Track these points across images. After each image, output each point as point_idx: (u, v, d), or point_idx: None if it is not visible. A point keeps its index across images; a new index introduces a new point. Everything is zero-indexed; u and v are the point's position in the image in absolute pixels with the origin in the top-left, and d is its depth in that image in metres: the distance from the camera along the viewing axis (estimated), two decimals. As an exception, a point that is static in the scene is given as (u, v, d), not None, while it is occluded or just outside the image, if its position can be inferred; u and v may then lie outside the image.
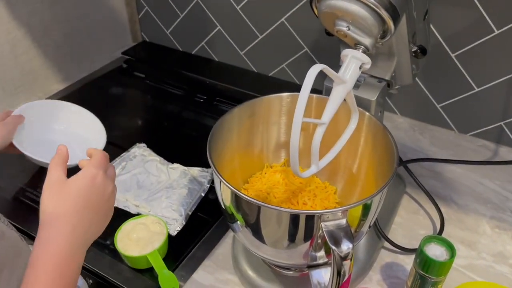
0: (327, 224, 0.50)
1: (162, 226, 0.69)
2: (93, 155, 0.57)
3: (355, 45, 0.56)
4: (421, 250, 0.57)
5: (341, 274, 0.50)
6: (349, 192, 0.69)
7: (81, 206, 0.51)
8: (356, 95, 0.65)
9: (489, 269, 0.69)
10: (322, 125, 0.52)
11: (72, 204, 0.51)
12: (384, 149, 0.60)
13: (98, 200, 0.53)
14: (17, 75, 1.04)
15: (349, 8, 0.53)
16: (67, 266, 0.48)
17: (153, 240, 0.67)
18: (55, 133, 0.85)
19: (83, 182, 0.53)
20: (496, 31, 0.80)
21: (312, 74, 0.47)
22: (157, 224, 0.70)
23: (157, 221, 0.70)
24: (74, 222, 0.50)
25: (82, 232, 0.51)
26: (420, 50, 0.64)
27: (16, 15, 0.99)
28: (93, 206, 0.53)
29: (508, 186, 0.83)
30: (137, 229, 0.69)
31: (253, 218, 0.56)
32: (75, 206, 0.51)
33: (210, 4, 1.10)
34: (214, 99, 1.07)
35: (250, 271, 0.67)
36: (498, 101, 0.87)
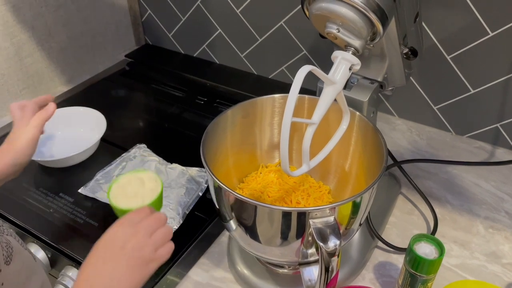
0: (315, 221, 0.51)
1: (157, 184, 0.66)
2: None
3: (345, 47, 0.57)
4: (411, 249, 0.58)
5: (329, 271, 0.51)
6: (342, 192, 0.70)
7: (98, 257, 0.51)
8: (348, 96, 0.67)
9: (481, 269, 0.70)
10: (312, 125, 0.54)
11: (93, 253, 0.51)
12: (375, 149, 0.61)
13: (118, 250, 0.51)
14: (22, 77, 1.07)
15: (339, 10, 0.54)
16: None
17: (145, 196, 0.65)
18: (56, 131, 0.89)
19: (107, 234, 0.52)
20: (491, 33, 0.81)
21: (300, 75, 0.49)
22: (153, 181, 0.67)
23: (155, 178, 0.67)
24: (88, 271, 0.50)
25: (103, 276, 0.49)
26: (411, 52, 0.65)
27: (21, 18, 1.02)
28: (113, 256, 0.51)
29: (503, 187, 0.83)
30: (133, 183, 0.66)
31: (246, 216, 0.57)
32: (93, 256, 0.51)
33: (211, 8, 1.12)
34: (214, 101, 1.08)
35: (244, 269, 0.69)
36: (494, 103, 0.88)
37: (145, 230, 0.53)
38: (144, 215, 0.55)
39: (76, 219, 0.77)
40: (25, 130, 0.67)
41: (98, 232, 0.74)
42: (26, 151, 0.66)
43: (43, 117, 0.69)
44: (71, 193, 0.82)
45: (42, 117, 0.69)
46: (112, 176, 0.84)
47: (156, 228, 0.54)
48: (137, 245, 0.51)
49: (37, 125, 0.68)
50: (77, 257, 0.71)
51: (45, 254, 0.74)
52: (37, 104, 0.72)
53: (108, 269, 0.49)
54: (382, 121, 1.00)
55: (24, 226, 0.76)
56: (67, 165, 0.87)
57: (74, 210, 0.79)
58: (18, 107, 0.70)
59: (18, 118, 0.69)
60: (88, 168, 0.87)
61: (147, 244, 0.52)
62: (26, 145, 0.67)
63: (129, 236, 0.52)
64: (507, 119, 0.88)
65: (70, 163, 0.87)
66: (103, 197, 0.80)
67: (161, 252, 0.53)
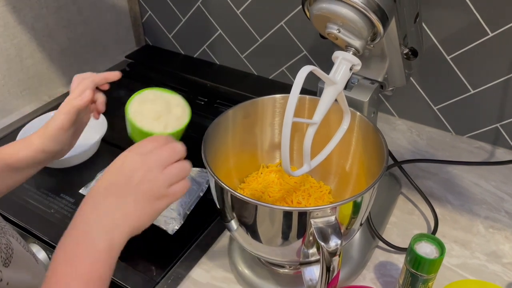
0: (317, 221, 0.52)
1: (185, 113, 0.59)
2: None
3: (346, 47, 0.57)
4: (412, 249, 0.58)
5: (330, 270, 0.51)
6: (343, 192, 0.70)
7: (103, 188, 0.46)
8: (349, 96, 0.67)
9: (482, 268, 0.70)
10: (313, 125, 0.54)
11: (99, 185, 0.46)
12: (375, 149, 0.62)
13: (123, 183, 0.45)
14: (22, 78, 1.07)
15: (339, 11, 0.54)
16: (82, 249, 0.42)
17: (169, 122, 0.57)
18: None
19: (113, 163, 0.47)
20: (490, 33, 0.81)
21: (301, 75, 0.49)
22: (181, 108, 0.59)
23: (183, 105, 0.59)
24: (94, 202, 0.45)
25: (103, 214, 0.44)
26: (411, 52, 0.65)
27: (21, 20, 1.02)
28: (118, 189, 0.45)
29: (503, 187, 0.83)
30: (158, 103, 0.58)
31: (247, 216, 0.57)
32: (99, 186, 0.46)
33: (211, 9, 1.12)
34: (215, 102, 1.09)
35: (245, 269, 0.69)
36: (494, 103, 0.88)
37: (158, 162, 0.47)
38: (158, 144, 0.48)
39: (77, 220, 0.77)
40: (55, 116, 0.62)
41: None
42: (55, 139, 0.61)
43: (75, 104, 0.61)
44: (72, 193, 0.82)
45: (73, 104, 0.61)
46: (113, 176, 0.84)
47: (171, 161, 0.48)
48: (146, 178, 0.45)
49: (66, 112, 0.61)
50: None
51: (46, 254, 0.74)
52: (94, 82, 0.64)
53: (111, 204, 0.44)
54: (382, 121, 1.00)
55: (25, 226, 0.76)
56: (68, 165, 0.87)
57: (75, 210, 0.78)
58: (76, 80, 0.63)
59: (70, 96, 0.62)
60: (89, 168, 0.88)
61: (157, 178, 0.46)
62: (54, 133, 0.61)
63: (138, 167, 0.46)
64: (507, 119, 0.88)
65: (71, 164, 0.87)
66: (104, 198, 0.80)
67: (175, 189, 0.48)
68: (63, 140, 0.62)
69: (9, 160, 0.60)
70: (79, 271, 0.40)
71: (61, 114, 0.61)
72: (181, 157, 0.49)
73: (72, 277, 0.40)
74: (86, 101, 0.62)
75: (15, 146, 0.61)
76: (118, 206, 0.44)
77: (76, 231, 0.43)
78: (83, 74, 0.65)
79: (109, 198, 0.45)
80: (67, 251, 0.42)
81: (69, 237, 0.43)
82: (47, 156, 0.62)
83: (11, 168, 0.60)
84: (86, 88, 0.62)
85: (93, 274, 0.41)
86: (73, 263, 0.41)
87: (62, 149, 0.64)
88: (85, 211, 0.44)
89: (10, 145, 0.61)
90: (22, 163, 0.60)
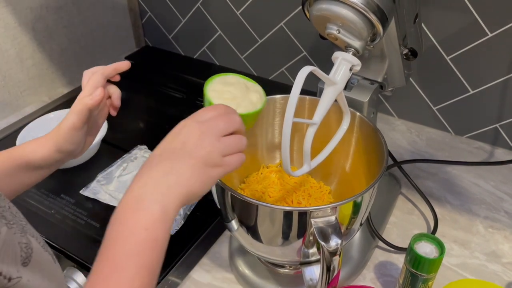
0: (317, 221, 0.52)
1: (260, 100, 0.58)
2: None
3: (345, 48, 0.58)
4: (411, 248, 0.59)
5: (331, 270, 0.52)
6: (343, 192, 0.70)
7: (159, 154, 0.46)
8: (349, 97, 0.67)
9: (481, 268, 0.70)
10: (313, 125, 0.54)
11: (155, 152, 0.47)
12: (375, 149, 0.62)
13: (178, 148, 0.46)
14: (22, 79, 1.07)
15: (339, 11, 0.54)
16: (138, 212, 0.42)
17: (241, 104, 0.56)
18: None
19: (171, 131, 0.48)
20: (490, 34, 0.81)
21: (301, 75, 0.49)
22: (258, 95, 0.59)
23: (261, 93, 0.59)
24: (149, 167, 0.45)
25: (158, 178, 0.44)
26: (411, 53, 0.65)
27: (22, 20, 1.02)
28: (172, 154, 0.45)
29: (503, 187, 0.84)
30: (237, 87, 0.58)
31: (248, 216, 0.57)
32: (155, 153, 0.47)
33: (211, 10, 1.13)
34: (214, 102, 1.09)
35: (246, 269, 0.69)
36: (493, 103, 0.88)
37: (214, 129, 0.47)
38: (217, 113, 0.48)
39: (78, 220, 0.77)
40: (67, 115, 0.60)
41: (99, 233, 0.75)
42: (68, 139, 0.60)
43: (86, 103, 0.60)
44: (72, 194, 0.82)
45: (84, 103, 0.60)
46: (113, 177, 0.84)
47: (227, 131, 0.48)
48: (201, 144, 0.45)
49: (77, 112, 0.60)
50: (79, 258, 0.72)
51: (47, 255, 0.74)
52: (104, 75, 0.63)
53: (165, 169, 0.44)
54: (382, 121, 1.01)
55: (25, 227, 0.77)
56: (68, 166, 0.88)
57: (75, 211, 0.79)
58: (87, 75, 0.62)
59: (81, 93, 0.61)
60: (89, 169, 0.88)
61: (213, 145, 0.46)
62: (66, 133, 0.60)
63: (194, 132, 0.46)
64: (506, 120, 0.89)
65: (71, 164, 0.88)
66: (104, 198, 0.80)
67: (229, 160, 0.47)
68: (76, 140, 0.61)
69: (25, 159, 0.59)
70: (135, 232, 0.41)
71: (72, 113, 0.60)
72: (238, 129, 0.49)
73: (128, 237, 0.41)
74: (97, 100, 0.60)
75: (31, 145, 0.61)
76: (172, 170, 0.44)
77: (132, 194, 0.44)
78: (92, 69, 0.63)
79: (163, 163, 0.45)
80: (124, 214, 0.43)
81: (126, 201, 0.43)
82: (63, 156, 0.62)
83: (27, 167, 0.60)
84: (97, 83, 0.61)
85: (149, 236, 0.41)
86: (129, 224, 0.42)
87: (77, 149, 0.63)
88: (141, 176, 0.45)
89: (26, 145, 0.61)
90: (39, 163, 0.60)
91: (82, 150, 0.65)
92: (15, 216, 0.45)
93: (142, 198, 0.43)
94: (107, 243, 0.42)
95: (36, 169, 0.61)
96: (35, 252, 0.43)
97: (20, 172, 0.60)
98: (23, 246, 0.42)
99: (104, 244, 0.42)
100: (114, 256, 0.41)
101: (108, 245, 0.42)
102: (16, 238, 0.41)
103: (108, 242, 0.42)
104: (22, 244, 0.42)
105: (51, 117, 0.94)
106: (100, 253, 0.42)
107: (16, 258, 0.39)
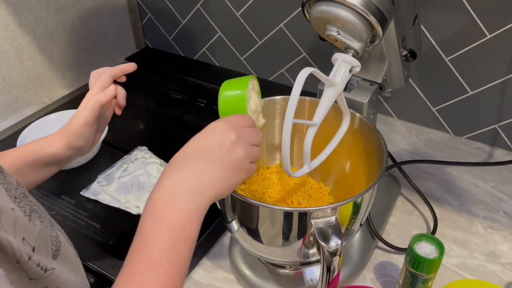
0: (317, 221, 0.52)
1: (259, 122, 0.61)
2: None
3: (345, 49, 0.58)
4: (411, 249, 0.59)
5: (331, 270, 0.52)
6: (343, 193, 0.70)
7: (192, 151, 0.47)
8: (348, 98, 0.67)
9: (481, 268, 0.70)
10: (313, 126, 0.54)
11: (186, 149, 0.48)
12: (375, 150, 0.62)
13: (213, 149, 0.47)
14: (23, 81, 1.07)
15: (339, 13, 0.55)
16: (171, 210, 0.43)
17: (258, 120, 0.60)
18: None
19: (203, 130, 0.50)
20: (488, 35, 0.82)
21: (302, 77, 0.49)
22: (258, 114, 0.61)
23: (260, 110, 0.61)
24: (182, 164, 0.46)
25: (192, 177, 0.45)
26: (410, 54, 0.66)
27: (22, 22, 1.02)
28: (207, 154, 0.47)
29: (502, 187, 0.84)
30: (255, 98, 0.61)
31: (248, 217, 0.58)
32: (186, 150, 0.48)
33: (211, 11, 1.13)
34: (215, 104, 1.09)
35: (246, 269, 0.69)
36: (492, 104, 0.89)
37: (247, 137, 0.49)
38: (247, 123, 0.52)
39: (78, 221, 0.78)
40: (78, 112, 0.62)
41: (100, 233, 0.75)
42: (80, 135, 0.62)
43: (99, 99, 0.62)
44: (73, 195, 0.83)
45: (98, 99, 0.62)
46: (113, 178, 0.84)
47: (254, 142, 0.51)
48: (237, 147, 0.48)
49: (90, 109, 0.61)
50: (80, 259, 0.72)
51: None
52: (112, 76, 0.65)
53: (200, 168, 0.46)
54: (381, 122, 1.01)
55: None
56: (68, 167, 0.88)
57: (76, 212, 0.79)
58: (94, 76, 0.64)
59: (89, 92, 0.63)
60: (90, 170, 0.88)
61: (246, 151, 0.48)
62: (78, 129, 0.61)
63: (230, 135, 0.48)
64: (505, 120, 0.89)
65: (71, 166, 0.88)
66: (104, 199, 0.81)
67: (252, 167, 0.50)
68: (87, 136, 0.63)
69: (36, 156, 0.61)
70: (171, 230, 0.43)
71: (84, 110, 0.61)
72: (259, 144, 0.52)
73: (164, 235, 0.42)
74: (110, 97, 0.63)
75: (40, 143, 0.62)
76: (206, 170, 0.46)
77: (166, 192, 0.44)
78: (99, 69, 0.65)
79: (198, 162, 0.46)
80: (158, 211, 0.43)
81: (159, 198, 0.44)
82: (73, 153, 0.63)
83: (37, 164, 0.61)
84: (105, 82, 0.63)
85: (184, 234, 0.43)
86: (164, 222, 0.43)
87: (87, 145, 0.64)
88: (173, 173, 0.46)
89: (35, 142, 0.62)
90: (48, 160, 0.61)
91: (90, 147, 0.66)
92: (43, 211, 0.46)
93: (178, 196, 0.44)
94: (142, 239, 0.43)
95: (46, 166, 0.62)
96: (63, 246, 0.44)
97: (30, 169, 0.61)
98: (53, 240, 0.43)
99: (138, 239, 0.43)
100: (150, 252, 0.42)
101: (143, 241, 0.43)
102: (48, 231, 0.42)
103: (143, 238, 0.43)
104: (53, 238, 0.43)
105: (52, 118, 0.94)
106: (134, 249, 0.43)
107: (48, 251, 0.41)
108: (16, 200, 0.40)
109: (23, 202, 0.41)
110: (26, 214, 0.40)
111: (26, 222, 0.39)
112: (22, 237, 0.37)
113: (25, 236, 0.37)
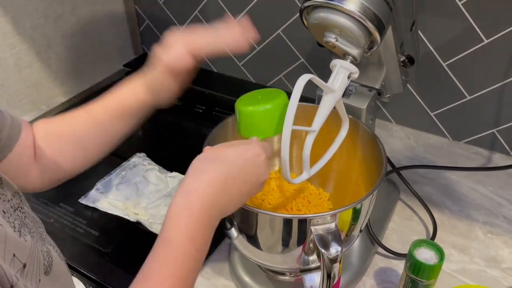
0: (317, 228, 0.52)
1: None
2: None
3: (343, 56, 0.58)
4: (411, 254, 0.59)
5: (331, 277, 0.52)
6: (342, 199, 0.70)
7: (229, 175, 0.48)
8: (347, 104, 0.67)
9: (481, 273, 0.70)
10: (312, 133, 0.54)
11: (224, 165, 0.49)
12: (374, 155, 0.62)
13: (252, 181, 0.51)
14: (21, 88, 1.07)
15: (337, 20, 0.55)
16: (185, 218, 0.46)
17: None
18: None
19: (246, 153, 0.50)
20: (485, 40, 0.82)
21: (300, 83, 0.49)
22: None
23: None
24: (215, 182, 0.48)
25: (216, 197, 0.47)
26: (408, 60, 0.66)
27: (20, 29, 1.02)
28: (241, 183, 0.49)
29: (501, 192, 0.84)
30: None
31: (247, 224, 0.57)
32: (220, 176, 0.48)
33: (208, 17, 1.13)
34: (213, 110, 1.09)
35: (246, 276, 0.69)
36: (490, 109, 0.89)
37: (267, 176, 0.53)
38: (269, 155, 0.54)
39: (77, 229, 0.77)
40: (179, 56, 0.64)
41: (98, 241, 0.75)
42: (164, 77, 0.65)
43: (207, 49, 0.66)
44: (71, 203, 0.82)
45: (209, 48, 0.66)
46: (112, 185, 0.84)
47: None
48: (261, 185, 0.52)
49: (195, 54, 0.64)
50: (78, 267, 0.71)
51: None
52: None
53: (227, 201, 0.49)
54: (380, 127, 1.01)
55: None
56: (67, 174, 0.87)
57: (75, 219, 0.79)
58: None
59: None
60: (88, 177, 0.87)
61: (263, 187, 0.54)
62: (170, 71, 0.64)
63: (264, 171, 0.51)
64: (503, 125, 0.89)
65: (70, 173, 0.87)
66: (103, 207, 0.80)
67: None
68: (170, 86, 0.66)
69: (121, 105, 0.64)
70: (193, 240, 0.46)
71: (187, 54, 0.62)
72: None
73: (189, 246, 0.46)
74: None
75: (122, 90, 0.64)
76: (232, 201, 0.50)
77: (189, 205, 0.46)
78: None
79: (227, 189, 0.48)
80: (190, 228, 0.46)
81: (181, 205, 0.47)
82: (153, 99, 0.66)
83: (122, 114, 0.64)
84: None
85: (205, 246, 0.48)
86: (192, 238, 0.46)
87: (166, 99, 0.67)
88: (198, 187, 0.47)
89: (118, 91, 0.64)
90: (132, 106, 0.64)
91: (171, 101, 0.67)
92: (36, 222, 0.46)
93: (199, 210, 0.46)
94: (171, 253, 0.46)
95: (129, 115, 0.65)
96: (54, 261, 0.43)
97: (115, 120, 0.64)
98: (45, 255, 0.42)
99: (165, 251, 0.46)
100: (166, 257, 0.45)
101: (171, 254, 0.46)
102: (38, 246, 0.42)
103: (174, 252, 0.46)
104: (44, 253, 0.42)
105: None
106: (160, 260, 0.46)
107: (40, 266, 0.40)
108: (5, 215, 0.39)
109: (12, 216, 0.40)
110: (16, 229, 0.39)
111: (16, 237, 0.38)
112: (13, 254, 0.36)
113: (15, 253, 0.37)
